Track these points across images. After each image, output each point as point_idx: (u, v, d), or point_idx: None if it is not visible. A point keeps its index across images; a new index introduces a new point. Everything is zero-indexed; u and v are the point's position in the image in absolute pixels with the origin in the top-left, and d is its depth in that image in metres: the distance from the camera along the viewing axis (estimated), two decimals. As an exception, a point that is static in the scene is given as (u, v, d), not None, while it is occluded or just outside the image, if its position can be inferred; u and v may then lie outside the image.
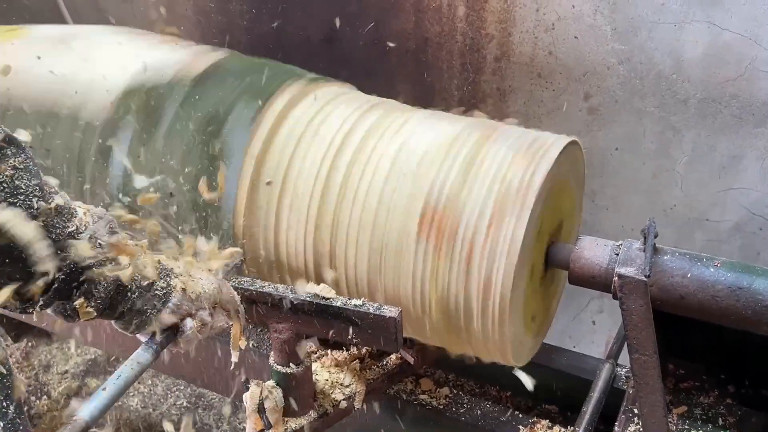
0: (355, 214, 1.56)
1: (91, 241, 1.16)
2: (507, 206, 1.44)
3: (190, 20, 2.98)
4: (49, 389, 3.06)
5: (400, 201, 1.52)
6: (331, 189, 1.58)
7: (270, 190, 1.62)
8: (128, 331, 1.32)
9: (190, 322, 1.34)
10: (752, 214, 2.32)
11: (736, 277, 1.36)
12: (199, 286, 1.35)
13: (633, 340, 1.41)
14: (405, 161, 1.55)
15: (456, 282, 1.49)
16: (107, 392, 1.22)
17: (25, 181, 1.08)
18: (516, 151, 1.50)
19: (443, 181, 1.50)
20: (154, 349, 1.32)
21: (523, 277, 1.51)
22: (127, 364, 1.29)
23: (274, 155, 1.63)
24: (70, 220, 1.15)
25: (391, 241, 1.52)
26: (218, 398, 3.00)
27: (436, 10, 2.48)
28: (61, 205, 1.14)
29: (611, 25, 2.24)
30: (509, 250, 1.43)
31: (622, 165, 2.45)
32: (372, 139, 1.60)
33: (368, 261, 1.56)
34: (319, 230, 1.59)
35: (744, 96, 2.17)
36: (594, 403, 1.66)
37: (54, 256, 1.12)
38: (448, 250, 1.47)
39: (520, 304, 1.54)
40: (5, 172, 1.05)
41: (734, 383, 1.67)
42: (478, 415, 1.86)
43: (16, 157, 1.07)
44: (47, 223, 1.11)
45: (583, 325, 2.82)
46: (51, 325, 2.43)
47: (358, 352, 1.78)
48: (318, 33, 2.73)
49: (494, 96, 2.54)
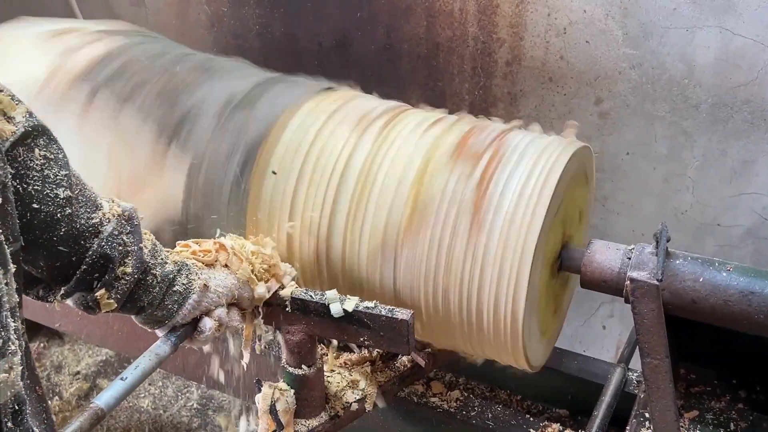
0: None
1: (111, 236, 1.18)
2: (503, 282, 1.45)
3: (202, 25, 3.00)
4: (61, 390, 3.09)
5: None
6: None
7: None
8: (148, 327, 1.34)
9: (210, 322, 1.35)
10: (764, 219, 2.31)
11: (749, 281, 1.36)
12: (217, 284, 1.37)
13: (644, 344, 1.41)
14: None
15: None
16: (125, 382, 1.24)
17: (54, 171, 1.10)
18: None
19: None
20: (172, 341, 1.34)
21: (536, 280, 1.51)
22: (145, 355, 1.30)
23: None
24: (95, 212, 1.17)
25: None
26: (228, 400, 3.01)
27: (448, 15, 2.49)
28: (87, 196, 1.17)
29: (623, 30, 2.24)
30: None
31: (634, 170, 2.45)
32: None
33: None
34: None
35: (756, 101, 2.17)
36: (605, 407, 1.66)
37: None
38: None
39: (533, 307, 1.54)
40: (35, 161, 1.07)
41: (746, 388, 1.67)
42: (488, 419, 1.86)
43: (48, 147, 1.09)
44: (72, 213, 1.13)
45: (594, 329, 2.82)
46: (63, 325, 2.45)
47: (370, 354, 1.79)
48: (330, 38, 2.74)
49: (505, 100, 2.54)
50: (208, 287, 1.34)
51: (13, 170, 1.03)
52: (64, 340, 3.31)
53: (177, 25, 3.08)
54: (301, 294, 1.48)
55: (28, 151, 1.06)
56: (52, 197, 1.10)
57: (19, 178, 1.05)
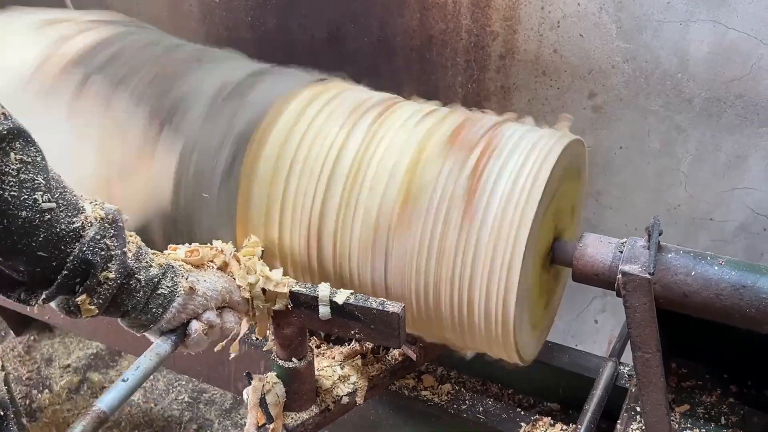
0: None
1: (93, 240, 1.14)
2: (494, 276, 1.45)
3: (194, 16, 2.98)
4: (51, 383, 3.07)
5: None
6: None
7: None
8: (135, 331, 1.30)
9: (196, 324, 1.31)
10: (756, 214, 2.32)
11: (740, 275, 1.35)
12: (206, 286, 1.33)
13: (636, 338, 1.40)
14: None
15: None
16: (127, 383, 1.21)
17: (30, 175, 1.05)
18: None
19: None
20: (173, 340, 1.30)
21: (528, 273, 1.50)
22: (146, 355, 1.27)
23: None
24: (76, 215, 1.13)
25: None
26: (220, 393, 3.00)
27: (441, 8, 2.48)
28: (68, 200, 1.12)
29: (616, 24, 2.23)
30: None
31: (627, 164, 2.44)
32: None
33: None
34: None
35: (749, 95, 2.16)
36: (596, 401, 1.65)
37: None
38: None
39: (524, 300, 1.54)
40: (11, 165, 1.03)
41: (737, 382, 1.67)
42: (479, 412, 1.86)
43: (24, 150, 1.05)
44: (51, 218, 1.09)
45: (586, 324, 2.82)
46: (54, 318, 2.43)
47: (361, 347, 1.78)
48: (323, 30, 2.73)
49: (498, 94, 2.53)
50: (195, 290, 1.30)
51: None
52: (55, 333, 3.30)
53: (168, 17, 3.05)
54: (292, 287, 1.46)
55: (2, 156, 1.02)
56: (30, 203, 1.05)
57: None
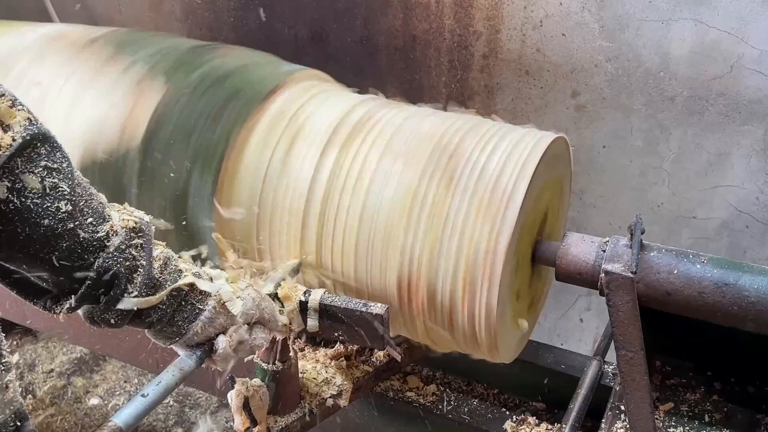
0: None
1: (118, 250, 1.10)
2: (476, 276, 1.44)
3: (176, 17, 2.96)
4: (35, 388, 3.03)
5: (375, 270, 1.53)
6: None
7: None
8: (161, 342, 1.26)
9: (222, 339, 1.26)
10: (739, 211, 2.33)
11: (723, 273, 1.36)
12: (238, 305, 1.28)
13: (620, 337, 1.41)
14: (370, 227, 1.52)
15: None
16: (146, 399, 1.15)
17: (55, 182, 1.02)
18: (477, 207, 1.46)
19: (412, 250, 1.48)
20: (198, 356, 1.26)
21: (509, 273, 1.50)
22: (168, 370, 1.23)
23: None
24: (101, 224, 1.10)
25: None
26: (205, 397, 2.98)
27: (425, 7, 2.47)
28: (93, 208, 1.09)
29: (599, 23, 2.24)
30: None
31: (610, 163, 2.45)
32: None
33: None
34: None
35: (731, 94, 2.17)
36: (581, 399, 1.66)
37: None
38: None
39: (507, 298, 1.54)
40: (34, 171, 0.99)
41: (720, 380, 1.67)
42: (464, 413, 1.85)
43: (50, 156, 1.02)
44: (75, 227, 1.05)
45: (571, 322, 2.83)
46: (36, 323, 2.40)
47: (345, 349, 1.77)
48: (306, 30, 2.72)
49: (482, 93, 2.53)
50: (224, 304, 1.26)
51: (9, 183, 0.97)
52: (38, 338, 3.26)
53: (151, 17, 3.03)
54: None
55: (27, 162, 0.99)
56: (53, 211, 1.02)
57: (17, 191, 0.98)
